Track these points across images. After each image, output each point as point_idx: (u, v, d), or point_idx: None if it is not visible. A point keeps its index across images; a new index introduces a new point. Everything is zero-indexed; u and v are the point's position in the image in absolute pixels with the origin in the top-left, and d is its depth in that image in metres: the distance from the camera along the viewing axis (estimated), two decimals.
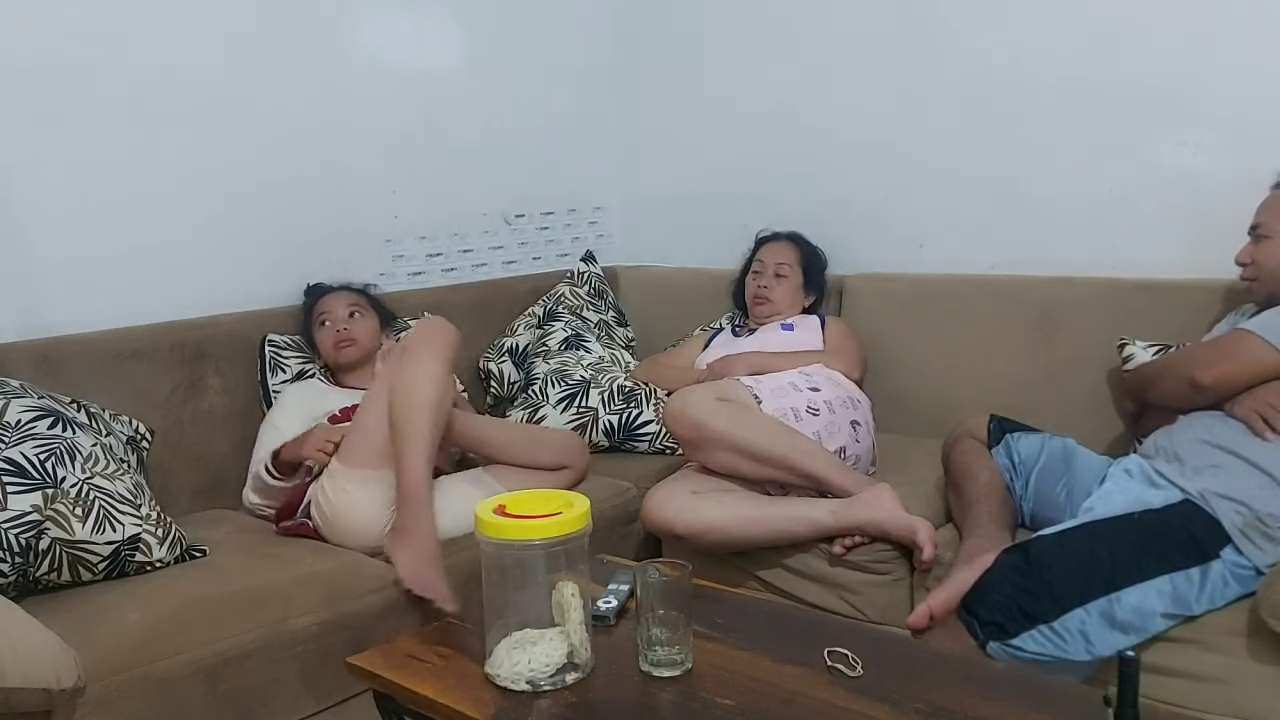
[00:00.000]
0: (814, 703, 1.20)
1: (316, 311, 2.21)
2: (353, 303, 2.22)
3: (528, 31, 2.90)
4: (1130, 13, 2.20)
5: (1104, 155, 2.29)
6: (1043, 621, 1.46)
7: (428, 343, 1.90)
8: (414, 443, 1.79)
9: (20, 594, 1.59)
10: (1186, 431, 1.73)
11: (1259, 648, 1.48)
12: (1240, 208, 1.85)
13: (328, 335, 2.17)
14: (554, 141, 3.01)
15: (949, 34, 2.48)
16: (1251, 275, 1.83)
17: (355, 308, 2.21)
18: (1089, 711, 1.17)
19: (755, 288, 2.54)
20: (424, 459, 1.79)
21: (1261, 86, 2.07)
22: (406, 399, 1.82)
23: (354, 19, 2.48)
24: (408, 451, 1.79)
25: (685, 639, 1.27)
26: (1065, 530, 1.57)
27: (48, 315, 2.00)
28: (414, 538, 1.75)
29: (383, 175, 2.58)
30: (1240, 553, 1.53)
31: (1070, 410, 2.17)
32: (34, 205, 1.98)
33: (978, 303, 2.39)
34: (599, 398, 2.46)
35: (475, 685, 1.25)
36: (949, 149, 2.52)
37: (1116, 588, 1.48)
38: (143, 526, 1.70)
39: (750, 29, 2.83)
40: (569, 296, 2.80)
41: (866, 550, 1.89)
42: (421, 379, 1.83)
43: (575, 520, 1.24)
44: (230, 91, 2.24)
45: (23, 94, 1.95)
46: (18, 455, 1.61)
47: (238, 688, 1.55)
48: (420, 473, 1.77)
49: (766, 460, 1.96)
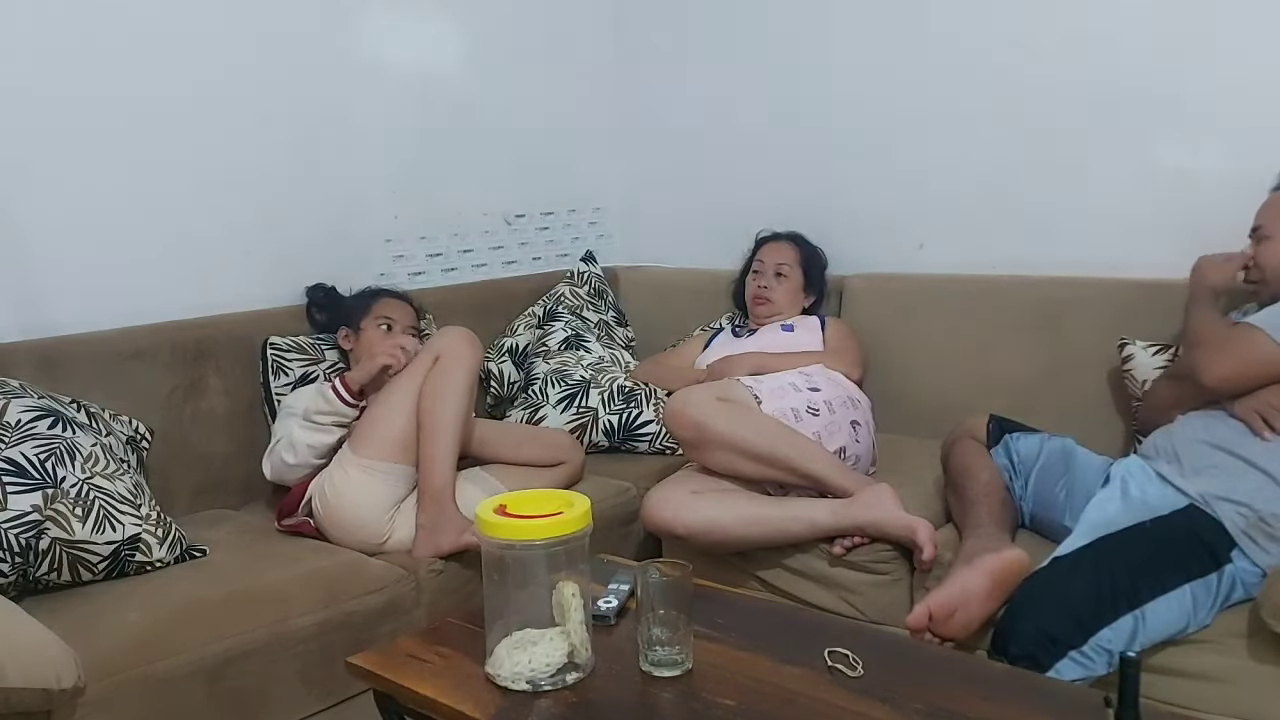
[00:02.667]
0: (814, 703, 1.20)
1: (381, 310, 2.18)
2: (413, 325, 2.21)
3: (528, 31, 2.90)
4: (1130, 13, 2.20)
5: (1104, 155, 2.29)
6: (1073, 647, 1.45)
7: (461, 357, 1.96)
8: (443, 446, 1.89)
9: (20, 594, 1.59)
10: (1186, 431, 1.73)
11: (1259, 648, 1.48)
12: (1240, 209, 1.85)
13: (388, 343, 2.06)
14: (554, 141, 3.01)
15: (949, 34, 2.48)
16: (1255, 278, 1.82)
17: (413, 330, 2.21)
18: (1089, 711, 1.17)
19: (755, 288, 2.54)
20: (451, 461, 1.91)
21: (1262, 87, 2.07)
22: (441, 405, 1.90)
23: (354, 19, 2.48)
24: (436, 455, 1.88)
25: (685, 639, 1.27)
26: (1078, 551, 1.56)
27: (48, 315, 2.00)
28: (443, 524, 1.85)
29: (383, 175, 2.58)
30: (1246, 555, 1.53)
31: (1070, 410, 2.17)
32: (34, 205, 1.98)
33: (978, 303, 2.39)
34: (599, 398, 2.46)
35: (475, 685, 1.25)
36: (949, 149, 2.52)
37: (1140, 603, 1.48)
38: (143, 526, 1.70)
39: (750, 29, 2.83)
40: (569, 296, 2.80)
41: (866, 550, 1.89)
42: (457, 388, 1.93)
43: (576, 520, 1.24)
44: (230, 91, 2.24)
45: (23, 94, 1.95)
46: (18, 455, 1.61)
47: (238, 688, 1.55)
48: (448, 474, 1.90)
49: (766, 460, 1.96)
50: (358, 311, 2.20)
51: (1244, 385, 1.67)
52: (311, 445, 1.94)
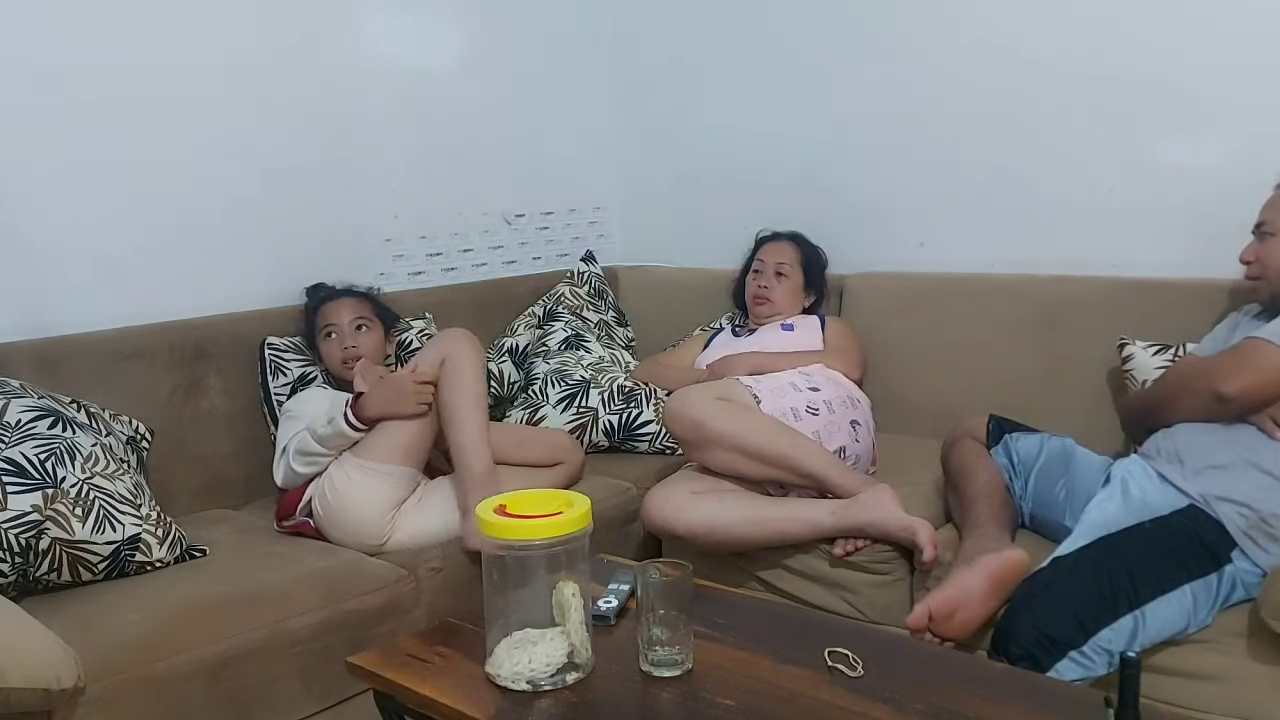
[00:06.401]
0: (814, 703, 1.20)
1: (321, 320, 2.16)
2: (359, 315, 2.16)
3: (528, 31, 2.89)
4: (1132, 10, 2.20)
5: (1105, 154, 2.28)
6: (1073, 647, 1.45)
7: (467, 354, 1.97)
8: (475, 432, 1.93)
9: (20, 594, 1.59)
10: (1187, 432, 1.73)
11: (1259, 648, 1.48)
12: (1242, 207, 1.85)
13: (334, 349, 2.12)
14: (554, 141, 3.01)
15: (949, 33, 2.48)
16: (1256, 274, 1.82)
17: (362, 320, 2.15)
18: (1089, 712, 1.17)
19: (755, 288, 2.54)
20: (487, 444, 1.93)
21: (1263, 85, 2.06)
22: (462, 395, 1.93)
23: (355, 19, 2.48)
24: (469, 442, 1.91)
25: (685, 639, 1.27)
26: (1078, 551, 1.56)
27: (48, 315, 2.00)
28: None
29: (383, 175, 2.58)
30: (1246, 555, 1.53)
31: (1070, 410, 2.17)
32: (35, 205, 1.98)
33: (978, 302, 2.39)
34: (599, 398, 2.46)
35: (475, 685, 1.25)
36: (949, 148, 2.52)
37: (1140, 603, 1.47)
38: (143, 526, 1.70)
39: (750, 29, 2.83)
40: (569, 296, 2.80)
41: (867, 551, 1.89)
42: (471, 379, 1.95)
43: (576, 520, 1.24)
44: (230, 91, 2.24)
45: (23, 95, 1.95)
46: (18, 455, 1.61)
47: (238, 688, 1.55)
48: (487, 456, 1.92)
49: (766, 460, 1.96)
50: (311, 328, 2.20)
51: (1260, 397, 1.65)
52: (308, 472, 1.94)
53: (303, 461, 1.92)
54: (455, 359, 1.96)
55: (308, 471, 1.94)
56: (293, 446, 1.93)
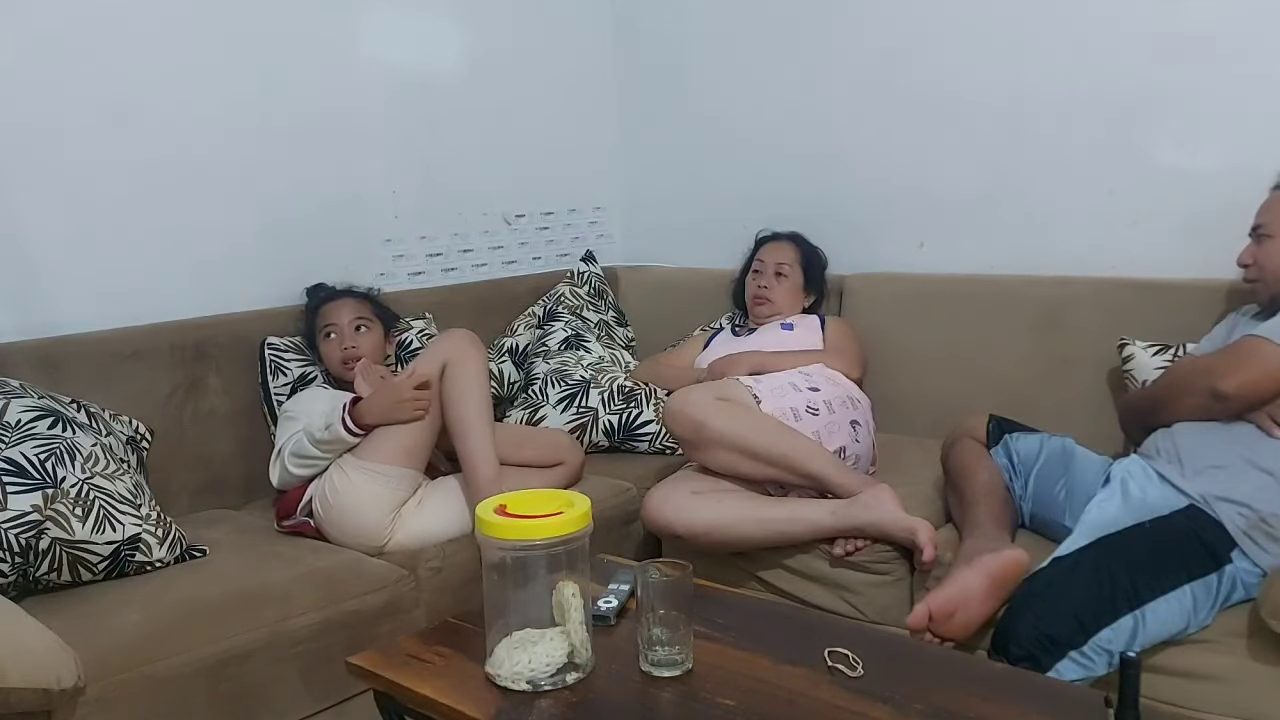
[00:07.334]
0: (814, 703, 1.20)
1: (320, 320, 2.17)
2: (358, 315, 2.16)
3: (528, 32, 2.89)
4: (1130, 13, 2.20)
5: (1104, 155, 2.29)
6: (1073, 647, 1.45)
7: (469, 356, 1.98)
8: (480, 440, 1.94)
9: (20, 594, 1.59)
10: (1187, 431, 1.73)
11: (1259, 648, 1.47)
12: (1239, 208, 1.85)
13: (333, 349, 2.13)
14: (554, 141, 3.01)
15: (949, 33, 2.48)
16: (1254, 276, 1.82)
17: (361, 320, 2.16)
18: (1089, 712, 1.17)
19: (755, 287, 2.54)
20: (493, 452, 1.95)
21: (1261, 87, 2.07)
22: (465, 401, 1.94)
23: (355, 19, 2.48)
24: (477, 450, 1.93)
25: (685, 639, 1.27)
26: (1078, 551, 1.55)
27: (48, 315, 2.00)
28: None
29: (383, 175, 2.58)
30: (1246, 555, 1.53)
31: (1070, 410, 2.17)
32: (34, 205, 1.98)
33: (978, 303, 2.39)
34: (599, 398, 2.46)
35: (475, 685, 1.25)
36: (949, 149, 2.52)
37: (1141, 603, 1.47)
38: (143, 526, 1.70)
39: (750, 29, 2.83)
40: (569, 296, 2.80)
41: (867, 551, 1.89)
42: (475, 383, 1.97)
43: (576, 520, 1.24)
44: (230, 92, 2.24)
45: (23, 95, 1.95)
46: (18, 455, 1.61)
47: (238, 688, 1.55)
48: (494, 464, 1.94)
49: (766, 460, 1.96)
50: (311, 328, 2.20)
51: (1259, 395, 1.66)
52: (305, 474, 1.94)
53: (298, 464, 1.92)
54: (458, 363, 1.96)
55: (303, 474, 1.94)
56: (288, 448, 1.93)
